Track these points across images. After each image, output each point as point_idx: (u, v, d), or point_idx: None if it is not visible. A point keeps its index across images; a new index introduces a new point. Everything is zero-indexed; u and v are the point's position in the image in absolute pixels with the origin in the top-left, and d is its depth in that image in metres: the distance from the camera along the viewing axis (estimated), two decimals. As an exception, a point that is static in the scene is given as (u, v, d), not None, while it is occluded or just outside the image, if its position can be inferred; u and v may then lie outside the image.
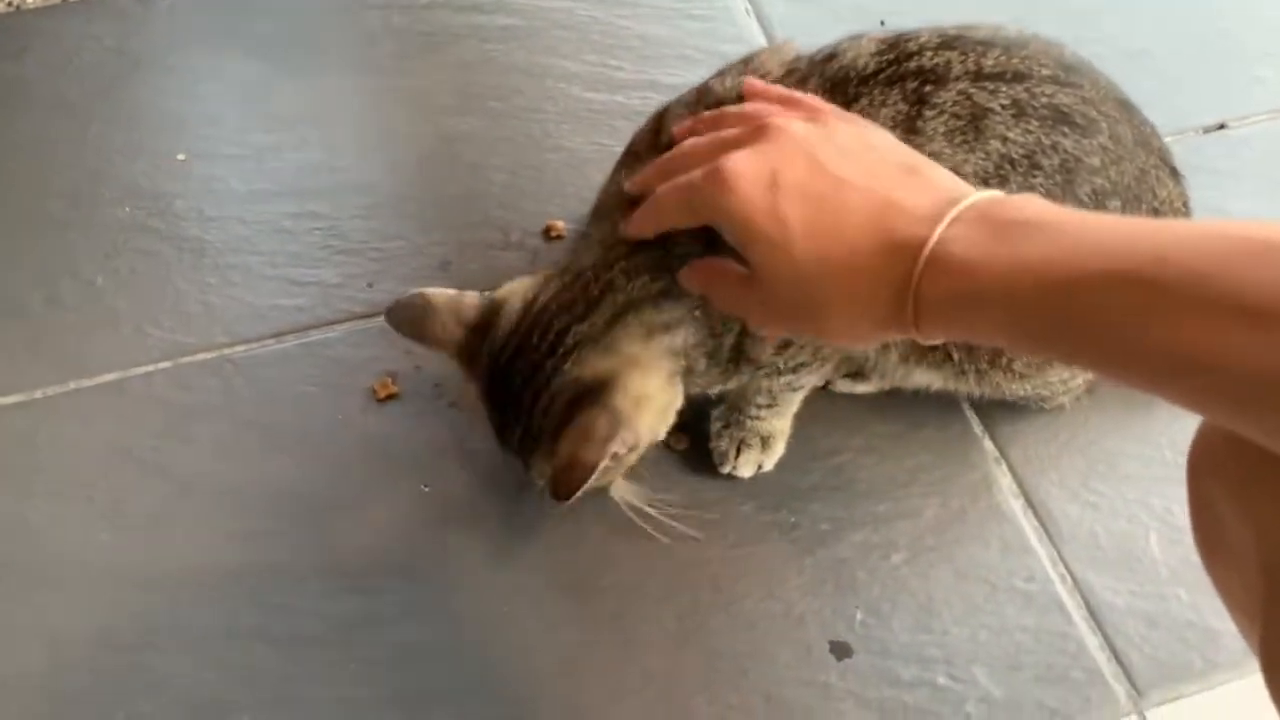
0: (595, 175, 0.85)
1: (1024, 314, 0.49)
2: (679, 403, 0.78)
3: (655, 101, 0.85)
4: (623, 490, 0.83)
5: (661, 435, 0.79)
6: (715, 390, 0.82)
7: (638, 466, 0.81)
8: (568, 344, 0.73)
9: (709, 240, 0.66)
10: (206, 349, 0.96)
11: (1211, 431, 0.54)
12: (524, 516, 0.88)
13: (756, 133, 0.58)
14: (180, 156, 1.08)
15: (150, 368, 0.95)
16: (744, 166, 0.57)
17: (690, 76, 0.83)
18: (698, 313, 0.74)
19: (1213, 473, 0.54)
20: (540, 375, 0.73)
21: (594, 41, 1.17)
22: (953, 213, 0.52)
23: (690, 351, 0.75)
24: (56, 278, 1.00)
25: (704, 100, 0.77)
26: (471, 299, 0.78)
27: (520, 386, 0.74)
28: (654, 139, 0.78)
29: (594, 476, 0.71)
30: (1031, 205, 0.52)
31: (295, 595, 0.84)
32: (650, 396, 0.75)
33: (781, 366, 0.79)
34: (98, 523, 0.87)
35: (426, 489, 0.89)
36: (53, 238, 1.02)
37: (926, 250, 0.52)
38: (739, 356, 0.77)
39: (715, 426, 0.89)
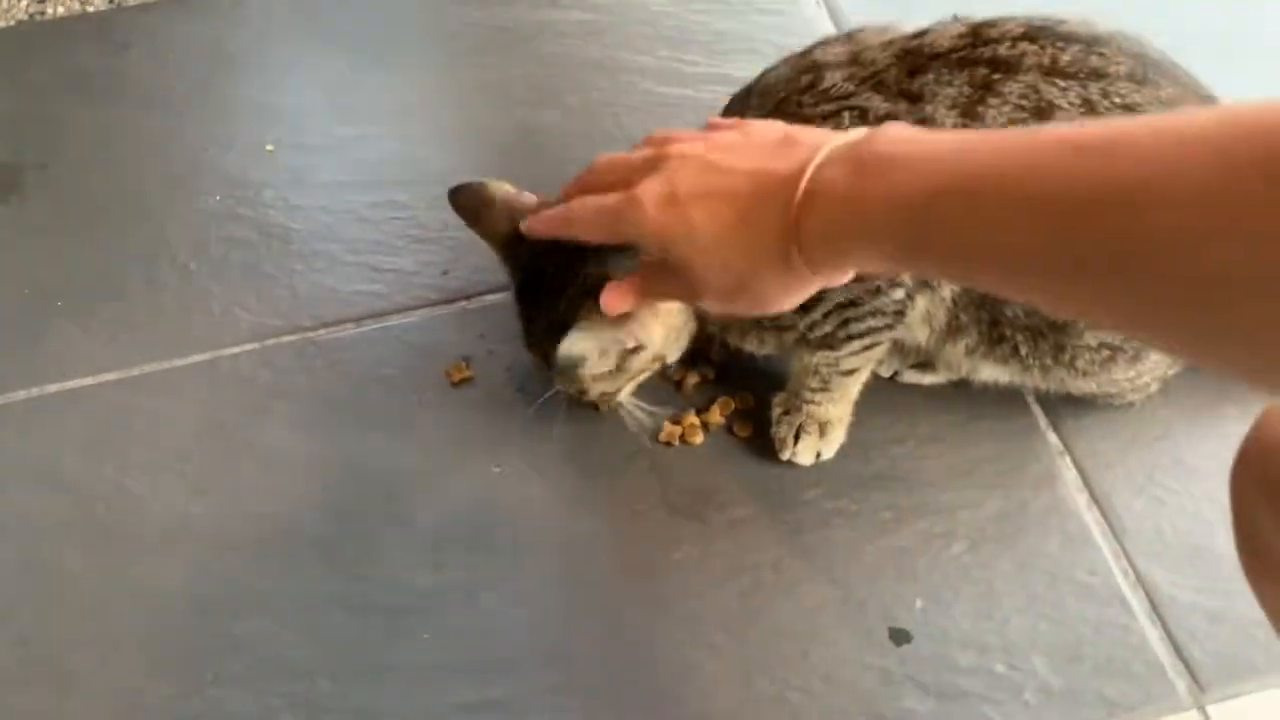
0: (666, 167, 0.87)
1: (887, 239, 0.54)
2: (691, 322, 0.84)
3: (727, 95, 0.87)
4: (628, 398, 0.88)
5: (671, 356, 0.85)
6: (754, 349, 0.86)
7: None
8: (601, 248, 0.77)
9: None
10: (291, 331, 1.00)
11: (1254, 444, 0.54)
12: (590, 500, 0.90)
13: (657, 160, 0.65)
14: (269, 147, 1.13)
15: (239, 349, 1.00)
16: (649, 188, 0.63)
17: (763, 69, 0.85)
18: None
19: (1255, 485, 0.54)
20: (570, 271, 0.78)
21: (667, 36, 1.19)
22: (818, 158, 0.57)
23: None
24: (154, 262, 1.05)
25: (802, 63, 0.81)
26: (529, 198, 0.84)
27: (551, 279, 0.79)
28: (745, 95, 0.83)
29: (599, 363, 0.76)
30: (895, 138, 0.55)
31: (373, 566, 0.87)
32: (668, 309, 0.80)
33: (806, 332, 0.81)
34: (190, 493, 0.92)
35: (498, 469, 0.92)
36: (151, 224, 1.08)
37: (797, 196, 0.57)
38: None
39: (775, 412, 0.91)
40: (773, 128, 0.63)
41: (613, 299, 0.71)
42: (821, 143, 0.58)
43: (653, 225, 0.63)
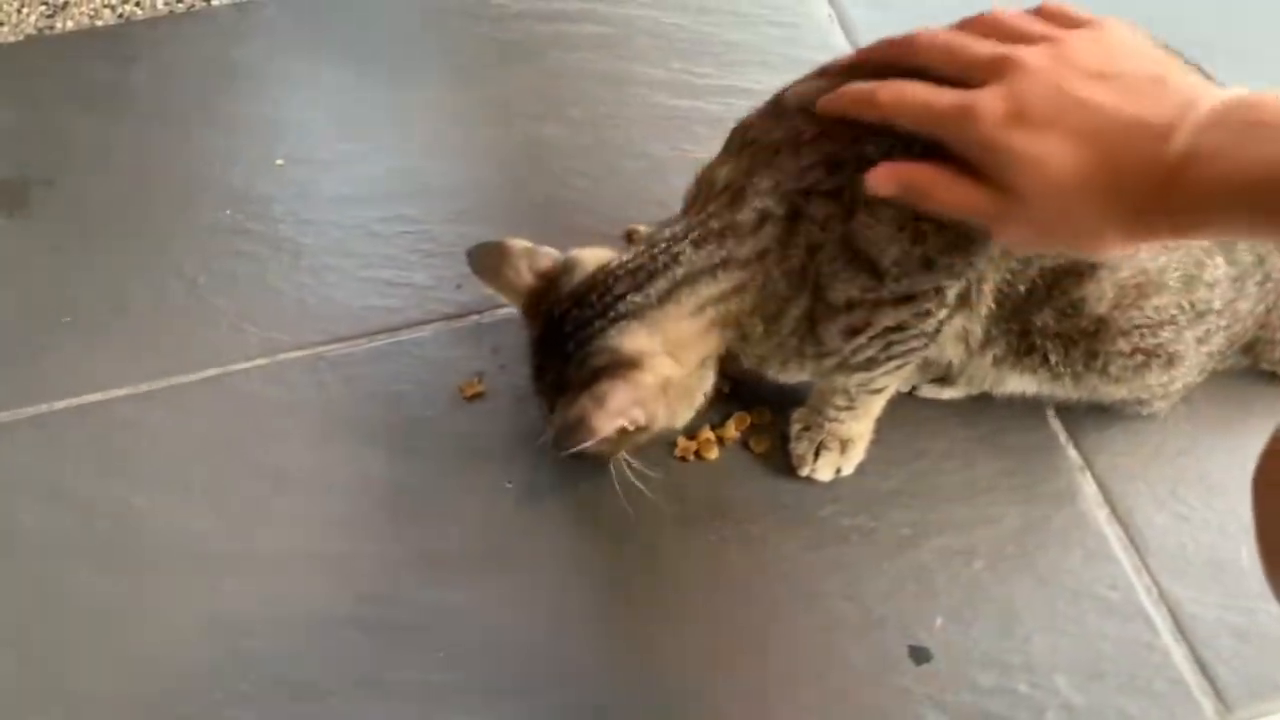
0: (676, 180, 0.86)
1: (1268, 209, 0.52)
2: (706, 387, 0.82)
3: (737, 107, 0.85)
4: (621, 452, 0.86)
5: (679, 423, 0.83)
6: (787, 378, 0.84)
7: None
8: (619, 310, 0.77)
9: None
10: (301, 347, 0.99)
11: (1273, 455, 0.53)
12: (604, 513, 0.89)
13: (1000, 65, 0.61)
14: (279, 162, 1.12)
15: (248, 364, 0.99)
16: (990, 103, 0.60)
17: (772, 83, 0.84)
18: (763, 276, 0.76)
19: (1274, 494, 0.53)
20: (586, 331, 0.77)
21: (678, 49, 1.19)
22: (1197, 116, 0.55)
23: (746, 318, 0.78)
24: (162, 277, 1.04)
25: (836, 80, 0.77)
26: (548, 252, 0.83)
27: (567, 336, 0.78)
28: (774, 113, 0.79)
29: (594, 441, 0.75)
30: (1274, 104, 0.54)
31: (385, 584, 0.86)
32: (676, 383, 0.78)
33: (849, 357, 0.79)
34: (198, 511, 0.91)
35: (510, 485, 0.91)
36: (158, 239, 1.07)
37: (1171, 155, 0.54)
38: (805, 334, 0.78)
39: (794, 429, 0.90)
40: (1139, 51, 0.60)
41: (882, 178, 0.67)
42: (1197, 94, 0.55)
43: (993, 143, 0.59)
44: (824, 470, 0.89)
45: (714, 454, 0.91)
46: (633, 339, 0.76)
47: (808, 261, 0.76)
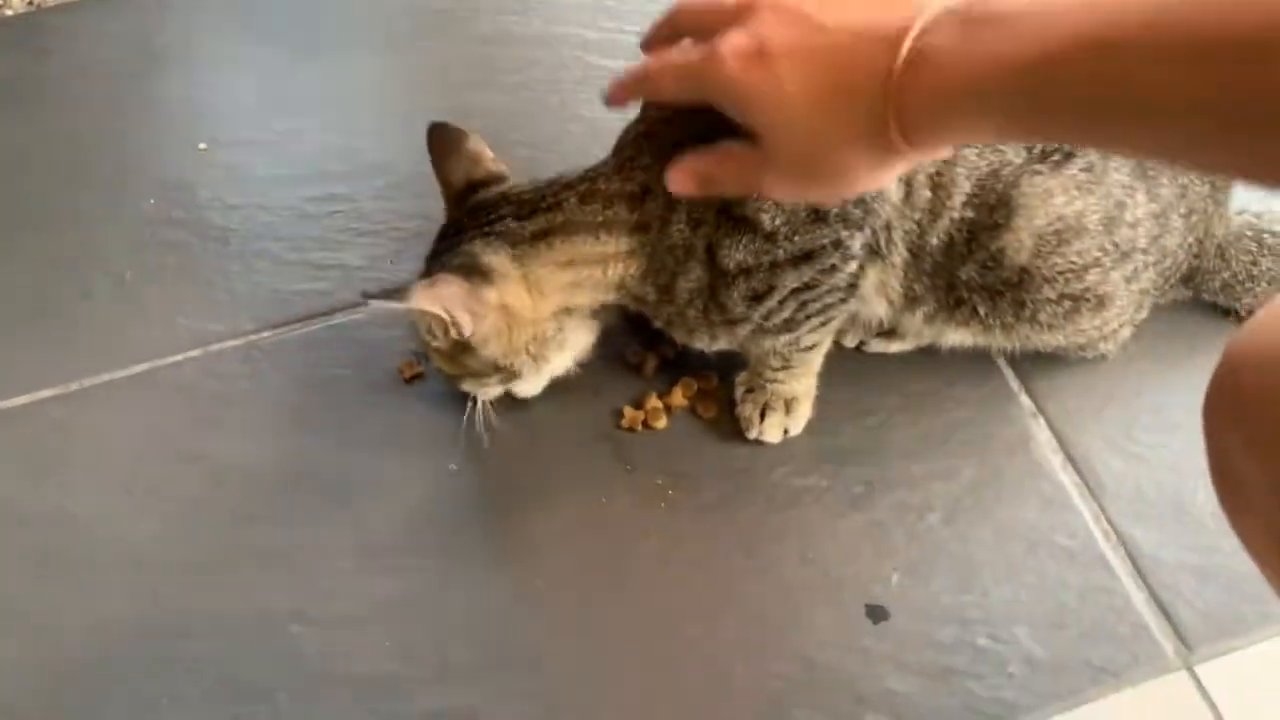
0: (614, 142, 0.84)
1: (1001, 104, 0.50)
2: (569, 348, 0.83)
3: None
4: (482, 394, 0.86)
5: (520, 371, 0.82)
6: (704, 347, 0.83)
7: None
8: (495, 229, 0.78)
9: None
10: (234, 336, 0.96)
11: (1225, 371, 0.52)
12: (552, 492, 0.87)
13: (741, 12, 0.60)
14: (201, 146, 1.09)
15: (180, 357, 0.96)
16: (735, 43, 0.58)
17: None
18: (650, 247, 0.77)
19: (1225, 418, 0.52)
20: (461, 238, 0.79)
21: (608, 8, 1.16)
22: (921, 22, 0.53)
23: (637, 285, 0.79)
24: (87, 272, 1.01)
25: None
26: (493, 166, 0.85)
27: (450, 238, 0.81)
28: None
29: (403, 307, 0.75)
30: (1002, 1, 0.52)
31: (331, 576, 0.84)
32: (521, 318, 0.78)
33: (762, 323, 0.78)
34: (136, 510, 0.88)
35: (454, 467, 0.89)
36: (82, 232, 1.04)
37: (899, 60, 0.53)
38: (706, 304, 0.78)
39: (739, 392, 0.89)
40: None
41: (676, 176, 0.67)
42: (926, 5, 0.53)
43: (736, 84, 0.58)
44: (771, 431, 0.87)
45: (662, 422, 0.89)
46: (493, 255, 0.77)
47: (691, 235, 0.76)
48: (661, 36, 0.67)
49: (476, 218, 0.80)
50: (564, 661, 0.80)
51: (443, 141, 0.86)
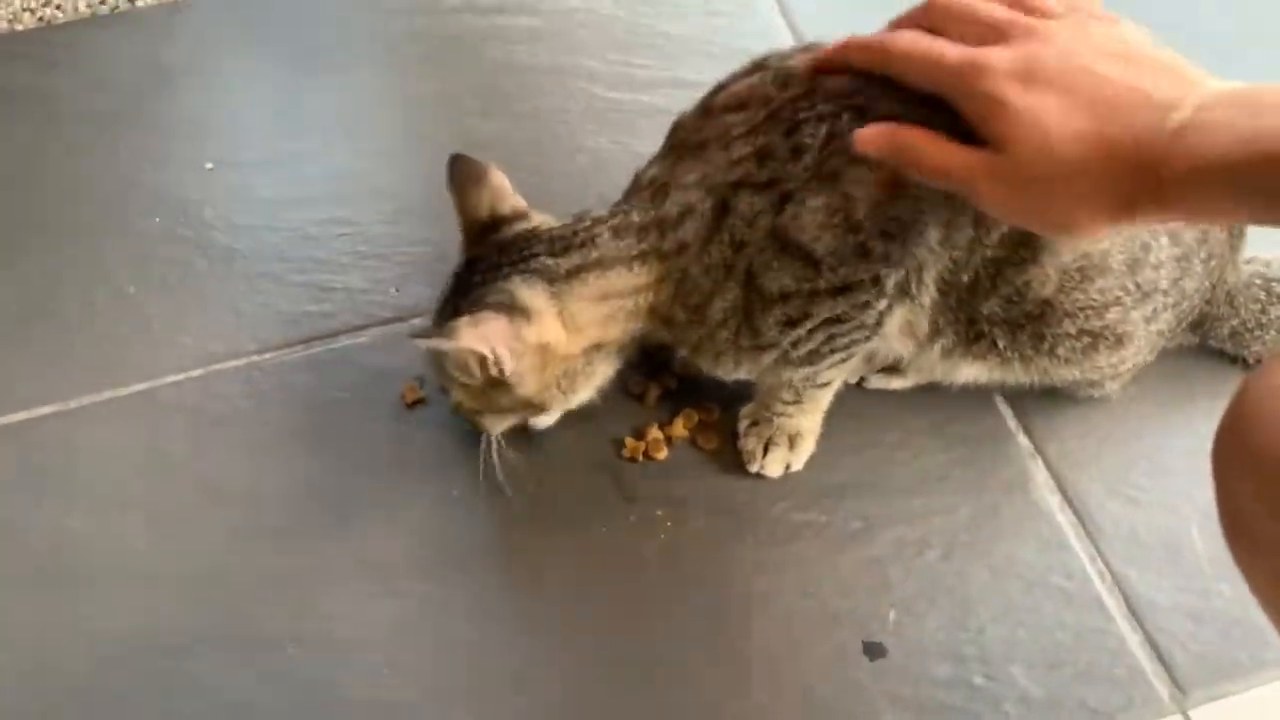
0: (619, 174, 0.85)
1: (1258, 187, 0.53)
2: (597, 380, 0.83)
3: (678, 98, 0.84)
4: (496, 429, 0.86)
5: (551, 405, 0.83)
6: (724, 374, 0.83)
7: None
8: (531, 267, 0.78)
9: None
10: (236, 356, 0.96)
11: (1233, 417, 0.53)
12: (552, 520, 0.87)
13: (1013, 28, 0.62)
14: (209, 165, 1.09)
15: (181, 376, 0.96)
16: (1001, 60, 0.61)
17: (714, 73, 0.82)
18: (680, 271, 0.77)
19: (1236, 465, 0.53)
20: (496, 274, 0.79)
21: (617, 40, 1.17)
22: (1195, 98, 0.55)
23: (665, 309, 0.80)
24: (90, 287, 1.01)
25: (766, 77, 0.77)
26: (512, 200, 0.85)
27: (479, 274, 0.80)
28: (703, 113, 0.80)
29: (451, 345, 0.75)
30: (1277, 89, 0.55)
31: (329, 598, 0.84)
32: (558, 355, 0.79)
33: (789, 351, 0.79)
34: (134, 529, 0.88)
35: (455, 493, 0.89)
36: (87, 248, 1.04)
37: (1166, 128, 0.55)
38: (739, 326, 0.78)
39: (743, 425, 0.89)
40: (1153, 45, 0.61)
41: (872, 132, 0.67)
42: (1205, 80, 0.56)
43: (994, 97, 0.60)
44: (774, 466, 0.87)
45: (663, 453, 0.90)
46: (530, 292, 0.77)
47: (731, 256, 0.76)
48: (910, 23, 0.68)
49: (508, 255, 0.79)
50: (561, 690, 0.80)
51: (465, 174, 0.85)
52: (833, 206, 0.72)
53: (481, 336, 0.75)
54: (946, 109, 0.65)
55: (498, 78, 1.15)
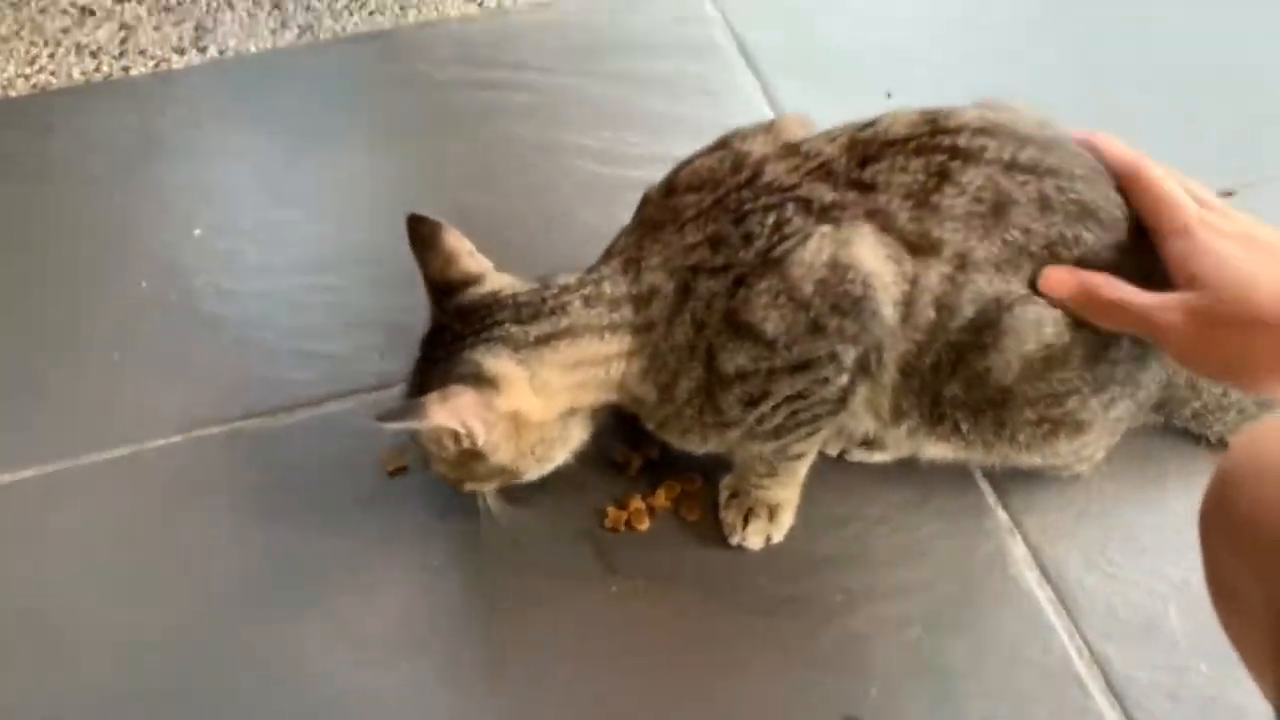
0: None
1: None
2: (571, 444, 0.84)
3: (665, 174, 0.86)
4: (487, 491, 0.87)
5: (527, 471, 0.83)
6: (693, 449, 0.85)
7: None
8: (495, 335, 0.78)
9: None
10: (219, 422, 0.97)
11: (1221, 490, 0.54)
12: (533, 591, 0.87)
13: (1211, 206, 0.74)
14: (197, 231, 1.10)
15: (164, 441, 0.95)
16: (1219, 221, 0.73)
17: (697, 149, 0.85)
18: (651, 348, 0.79)
19: (1223, 531, 0.54)
20: (460, 345, 0.79)
21: (608, 117, 1.19)
22: None
23: (637, 384, 0.81)
24: (76, 351, 1.01)
25: (727, 155, 0.82)
26: (470, 264, 0.84)
27: (443, 345, 0.80)
28: (667, 190, 0.83)
29: (421, 425, 0.76)
30: None
31: (302, 668, 0.83)
32: (530, 423, 0.79)
33: (754, 427, 0.80)
34: (111, 595, 0.87)
35: (436, 563, 0.88)
36: (73, 311, 1.04)
37: None
38: (702, 405, 0.80)
39: (723, 496, 0.89)
40: None
41: (1058, 275, 0.75)
42: None
43: (1218, 248, 0.70)
44: (754, 538, 0.88)
45: (645, 524, 0.90)
46: (498, 361, 0.78)
47: (694, 337, 0.78)
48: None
49: (470, 324, 0.80)
50: (539, 765, 0.79)
51: (421, 234, 0.85)
52: (775, 289, 0.75)
53: (451, 411, 0.76)
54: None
55: (489, 151, 1.17)
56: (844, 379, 0.78)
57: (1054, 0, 1.34)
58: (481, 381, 0.77)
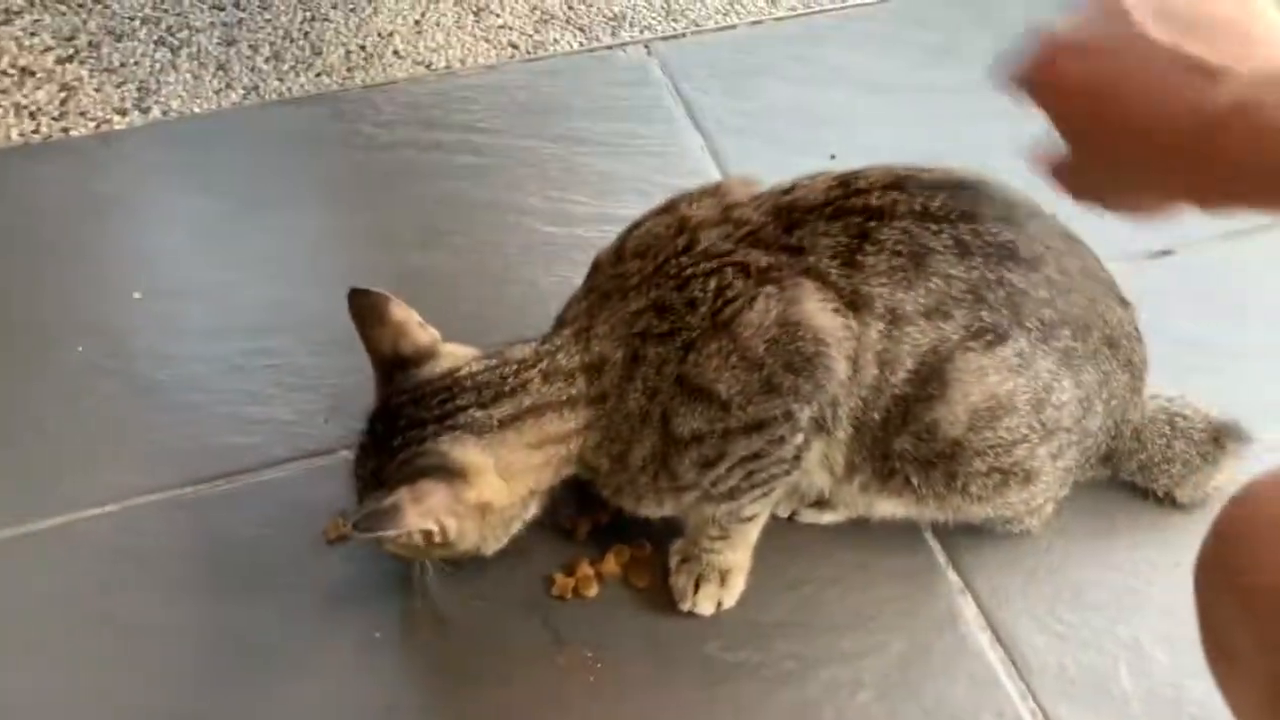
0: (555, 306, 0.86)
1: None
2: (526, 518, 0.83)
3: (613, 234, 0.86)
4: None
5: (488, 550, 0.82)
6: (648, 513, 0.84)
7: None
8: (458, 421, 0.77)
9: None
10: (156, 490, 0.94)
11: (1214, 553, 0.54)
12: (478, 664, 0.85)
13: None
14: (136, 295, 1.08)
15: (98, 511, 0.93)
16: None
17: (646, 209, 0.85)
18: (606, 419, 0.79)
19: (1217, 593, 0.54)
20: (420, 433, 0.77)
21: (553, 178, 1.19)
22: (1255, 68, 0.50)
23: (591, 454, 0.80)
24: (9, 418, 0.99)
25: (672, 220, 0.82)
26: (420, 336, 0.82)
27: (399, 430, 0.78)
28: (616, 256, 0.83)
29: (397, 533, 0.74)
30: None
31: (241, 750, 0.80)
32: (494, 508, 0.79)
33: (710, 489, 0.80)
34: (42, 669, 0.84)
35: (378, 634, 0.86)
36: (7, 377, 1.01)
37: (1219, 103, 0.50)
38: (656, 471, 0.80)
39: (674, 561, 0.88)
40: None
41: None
42: (1273, 45, 0.51)
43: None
44: (705, 603, 0.87)
45: (593, 590, 0.88)
46: (464, 451, 0.76)
47: (647, 404, 0.78)
48: None
49: (430, 408, 0.78)
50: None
51: (365, 309, 0.82)
52: (726, 350, 0.75)
53: (425, 512, 0.75)
54: None
55: (436, 212, 1.17)
56: (799, 438, 0.78)
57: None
58: (451, 474, 0.76)
